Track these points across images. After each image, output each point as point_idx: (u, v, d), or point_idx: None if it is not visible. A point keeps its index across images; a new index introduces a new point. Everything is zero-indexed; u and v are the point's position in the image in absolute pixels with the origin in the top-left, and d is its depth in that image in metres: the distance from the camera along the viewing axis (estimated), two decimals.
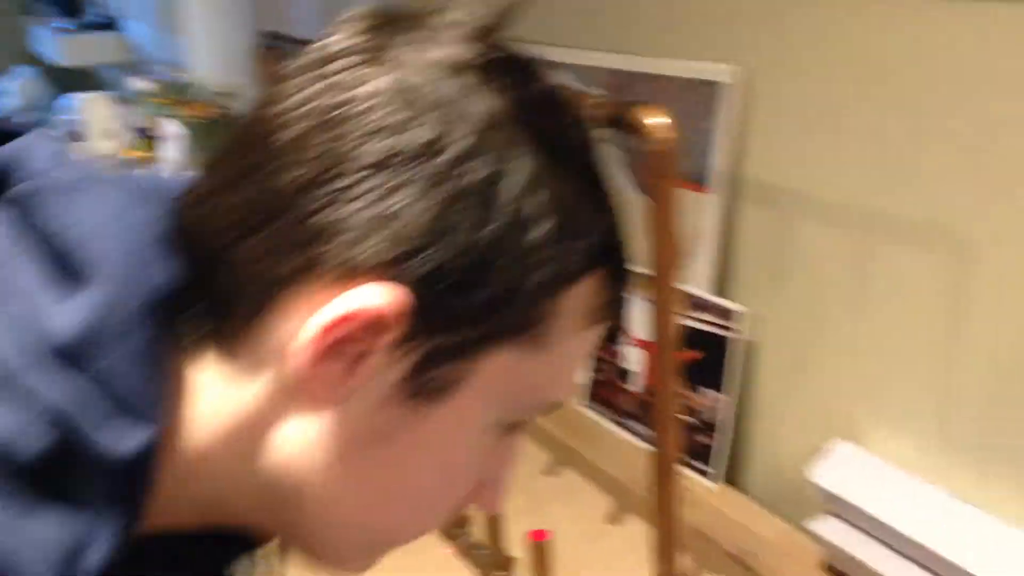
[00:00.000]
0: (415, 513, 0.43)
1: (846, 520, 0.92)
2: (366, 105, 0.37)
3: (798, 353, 1.05)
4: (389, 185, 0.36)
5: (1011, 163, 0.81)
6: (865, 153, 0.93)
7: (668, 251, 0.64)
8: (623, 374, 1.21)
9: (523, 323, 0.39)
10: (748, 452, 1.13)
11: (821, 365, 1.02)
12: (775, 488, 1.09)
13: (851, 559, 0.90)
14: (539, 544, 0.88)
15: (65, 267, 0.37)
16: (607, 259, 0.41)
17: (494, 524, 0.99)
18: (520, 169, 0.37)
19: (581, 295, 0.40)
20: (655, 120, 0.63)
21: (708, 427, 1.10)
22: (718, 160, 1.06)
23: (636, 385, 1.20)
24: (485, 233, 0.37)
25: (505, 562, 1.01)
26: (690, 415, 1.12)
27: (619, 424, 1.23)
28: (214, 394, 0.39)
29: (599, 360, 1.25)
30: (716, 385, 1.08)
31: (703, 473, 1.11)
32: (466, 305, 0.37)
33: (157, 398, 0.36)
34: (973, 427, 0.87)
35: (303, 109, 0.37)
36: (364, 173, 0.36)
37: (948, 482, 0.88)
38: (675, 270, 0.66)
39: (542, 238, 0.38)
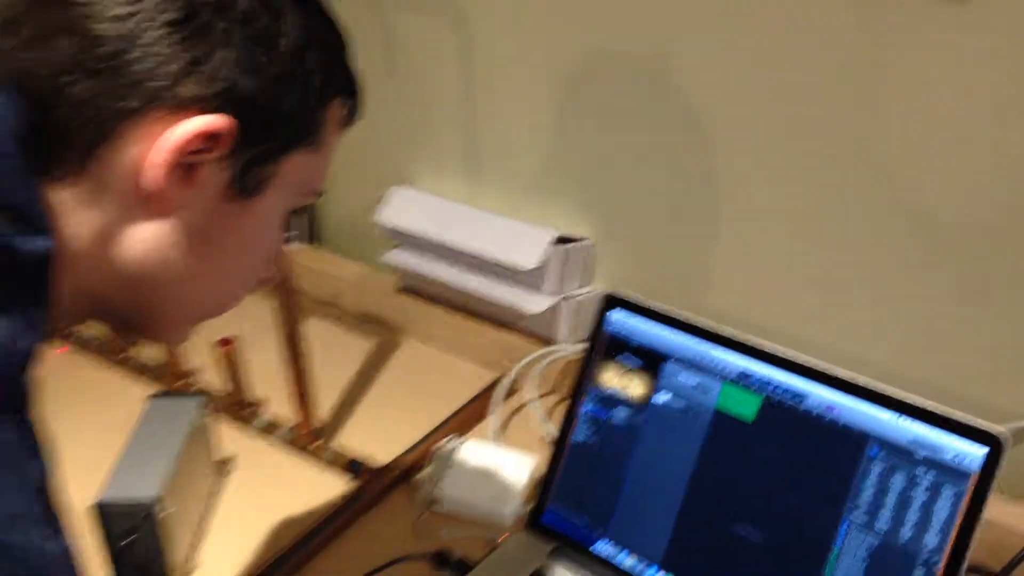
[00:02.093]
0: (239, 284, 0.56)
1: (409, 247, 1.15)
2: None
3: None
4: (194, 37, 0.46)
5: None
6: None
7: None
8: None
9: (309, 130, 0.52)
10: (324, 213, 1.32)
11: (369, 126, 1.21)
12: (350, 238, 1.29)
13: (415, 276, 1.15)
14: (228, 349, 0.99)
15: None
16: (348, 80, 0.55)
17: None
18: (290, 18, 0.49)
19: (336, 106, 0.54)
20: None
21: None
22: None
23: None
24: (278, 68, 0.49)
25: (125, 346, 1.11)
26: None
27: None
28: (74, 212, 0.47)
29: None
30: None
31: (286, 239, 1.28)
32: (271, 121, 0.50)
33: (44, 215, 0.45)
34: (494, 160, 1.13)
35: None
36: (169, 28, 0.45)
37: (478, 202, 1.14)
38: None
39: (313, 67, 0.51)
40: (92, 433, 0.98)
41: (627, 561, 0.82)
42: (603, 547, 0.83)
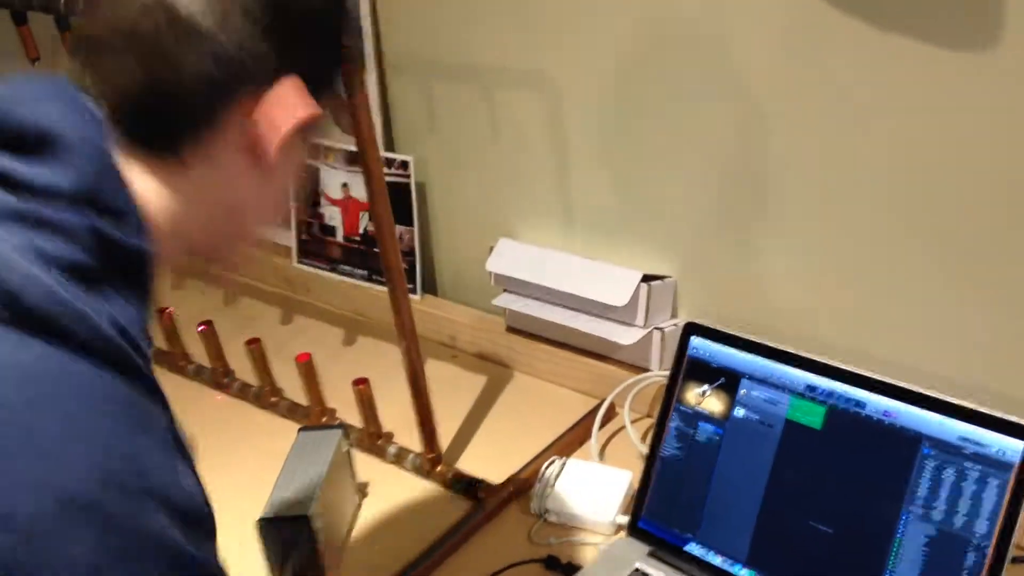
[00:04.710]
0: (278, 214, 0.69)
1: (515, 292, 1.29)
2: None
3: (458, 183, 1.38)
4: (277, 35, 0.58)
5: (585, 26, 1.16)
6: (480, 24, 1.25)
7: (368, 131, 0.91)
8: (326, 230, 1.49)
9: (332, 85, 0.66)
10: (437, 265, 1.48)
11: (477, 188, 1.36)
12: (462, 286, 1.44)
13: (523, 316, 1.28)
14: (306, 363, 1.17)
15: (23, 146, 0.51)
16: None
17: (260, 367, 1.25)
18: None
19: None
20: None
21: (406, 254, 1.42)
22: (367, 44, 1.34)
23: (339, 237, 1.48)
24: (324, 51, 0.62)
25: (276, 391, 1.28)
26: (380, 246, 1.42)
27: (332, 271, 1.51)
28: (176, 182, 0.58)
29: (303, 223, 1.51)
30: (405, 221, 1.39)
31: (409, 290, 1.44)
32: (320, 84, 0.62)
33: (136, 209, 0.55)
34: (585, 212, 1.26)
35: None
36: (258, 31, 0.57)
37: (573, 249, 1.27)
38: (374, 143, 0.94)
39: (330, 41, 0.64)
40: (253, 462, 1.15)
41: (716, 559, 0.92)
42: (694, 548, 0.94)
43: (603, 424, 1.17)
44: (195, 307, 1.54)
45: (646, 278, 1.17)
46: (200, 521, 0.52)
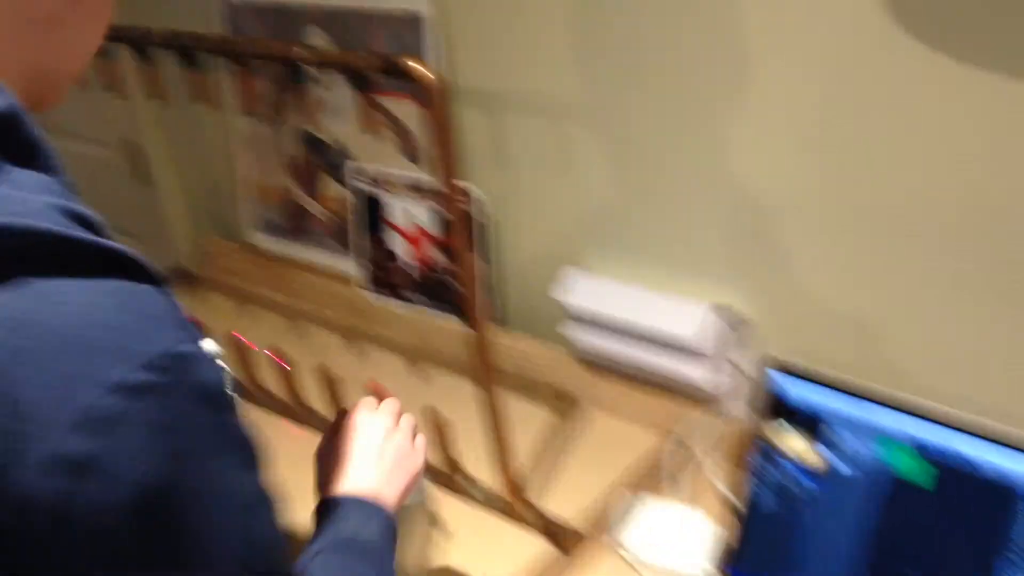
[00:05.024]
0: (101, 23, 0.61)
1: (582, 323, 1.29)
2: None
3: (524, 213, 1.39)
4: None
5: (651, 58, 1.17)
6: (548, 57, 1.25)
7: (451, 162, 0.91)
8: (390, 259, 1.50)
9: None
10: (503, 295, 1.48)
11: (546, 219, 1.37)
12: (528, 317, 1.45)
13: (592, 348, 1.28)
14: (380, 390, 1.17)
15: None
16: None
17: (332, 390, 1.26)
18: None
19: None
20: (420, 67, 0.87)
21: None
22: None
23: (403, 265, 1.49)
24: None
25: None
26: (457, 279, 1.43)
27: (396, 299, 1.52)
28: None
29: (367, 252, 1.52)
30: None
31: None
32: None
33: None
34: (651, 244, 1.26)
35: None
36: None
37: (641, 280, 1.27)
38: (457, 175, 0.94)
39: None
40: None
41: None
42: None
43: (673, 459, 1.16)
44: (260, 334, 1.56)
45: (717, 311, 1.16)
46: (219, 399, 0.54)
